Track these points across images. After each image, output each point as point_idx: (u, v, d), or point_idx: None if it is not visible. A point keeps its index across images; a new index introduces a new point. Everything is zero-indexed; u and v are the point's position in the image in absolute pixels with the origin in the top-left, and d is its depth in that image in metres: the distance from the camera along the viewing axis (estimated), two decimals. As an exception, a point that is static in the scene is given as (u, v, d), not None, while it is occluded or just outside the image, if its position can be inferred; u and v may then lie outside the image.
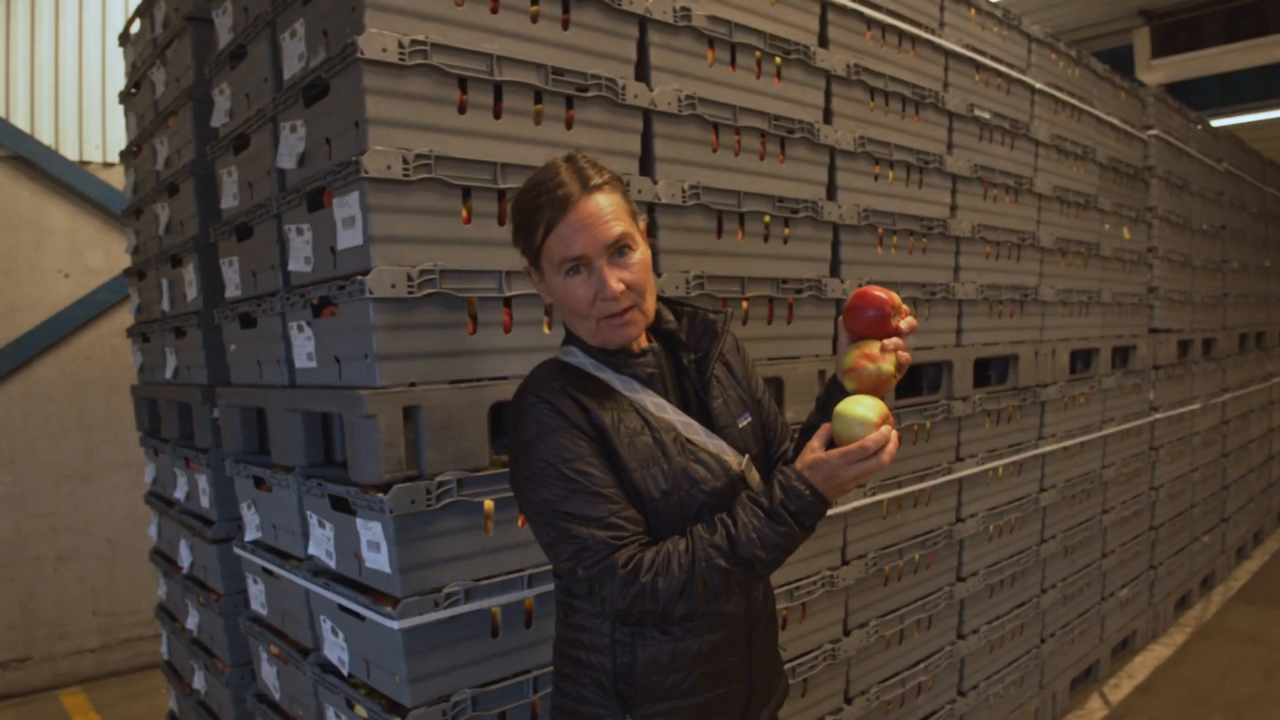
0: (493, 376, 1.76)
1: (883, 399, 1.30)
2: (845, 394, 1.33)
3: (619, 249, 1.29)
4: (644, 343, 1.41)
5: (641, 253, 1.32)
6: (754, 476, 1.40)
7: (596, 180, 1.29)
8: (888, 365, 1.31)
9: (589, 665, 1.37)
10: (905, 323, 1.35)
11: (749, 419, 1.45)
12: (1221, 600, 5.07)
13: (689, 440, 1.34)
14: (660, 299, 1.47)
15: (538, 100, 1.83)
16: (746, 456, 1.40)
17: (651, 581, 1.21)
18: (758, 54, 2.28)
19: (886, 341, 1.33)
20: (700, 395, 1.42)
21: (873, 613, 2.63)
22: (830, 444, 1.27)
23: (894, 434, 1.23)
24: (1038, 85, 3.45)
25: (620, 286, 1.27)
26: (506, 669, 1.75)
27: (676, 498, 1.30)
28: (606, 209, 1.28)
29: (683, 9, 2.08)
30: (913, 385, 3.03)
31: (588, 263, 1.27)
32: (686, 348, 1.44)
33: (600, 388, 1.33)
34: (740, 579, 1.25)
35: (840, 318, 1.39)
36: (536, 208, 1.29)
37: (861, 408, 1.25)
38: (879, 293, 1.35)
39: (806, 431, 1.45)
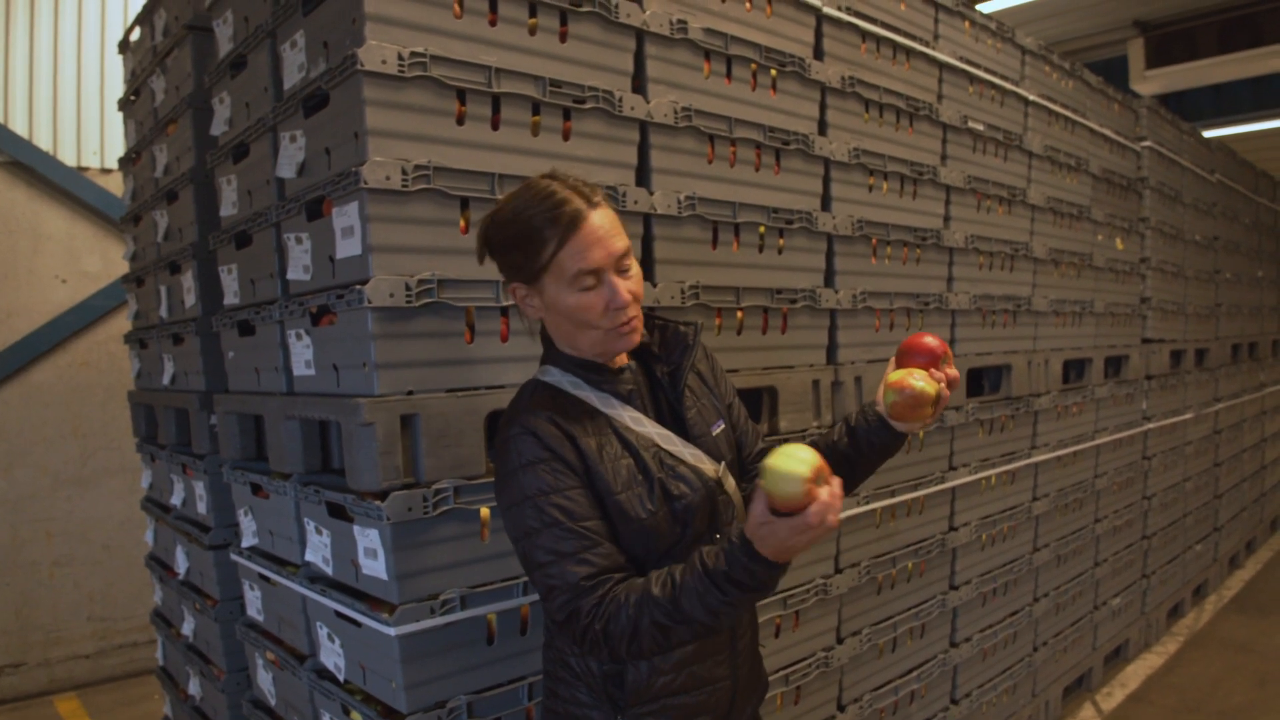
0: (490, 385, 1.77)
1: (918, 420, 1.40)
2: (882, 420, 1.44)
3: (625, 262, 1.35)
4: (622, 360, 1.44)
5: (637, 265, 1.38)
6: (730, 483, 1.44)
7: (596, 198, 1.34)
8: (931, 389, 1.40)
9: (580, 670, 1.39)
10: (950, 372, 1.47)
11: (722, 426, 1.49)
12: (1214, 609, 5.09)
13: (668, 453, 1.38)
14: None
15: (535, 112, 1.85)
16: (723, 464, 1.44)
17: (603, 628, 1.23)
18: (753, 66, 2.31)
19: (934, 371, 1.45)
20: (674, 406, 1.45)
21: (866, 621, 2.65)
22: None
23: (836, 485, 1.14)
24: (1031, 97, 3.48)
25: (629, 296, 1.33)
26: (502, 675, 1.77)
27: (663, 514, 1.34)
28: (610, 223, 1.33)
29: (679, 22, 2.10)
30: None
31: (599, 275, 1.31)
32: (659, 360, 1.48)
33: (580, 408, 1.36)
34: (684, 634, 1.23)
35: (892, 358, 1.51)
36: (544, 223, 1.30)
37: (792, 463, 1.12)
38: (930, 339, 1.47)
39: (827, 451, 1.49)
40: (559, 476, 1.29)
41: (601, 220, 1.32)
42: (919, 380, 1.40)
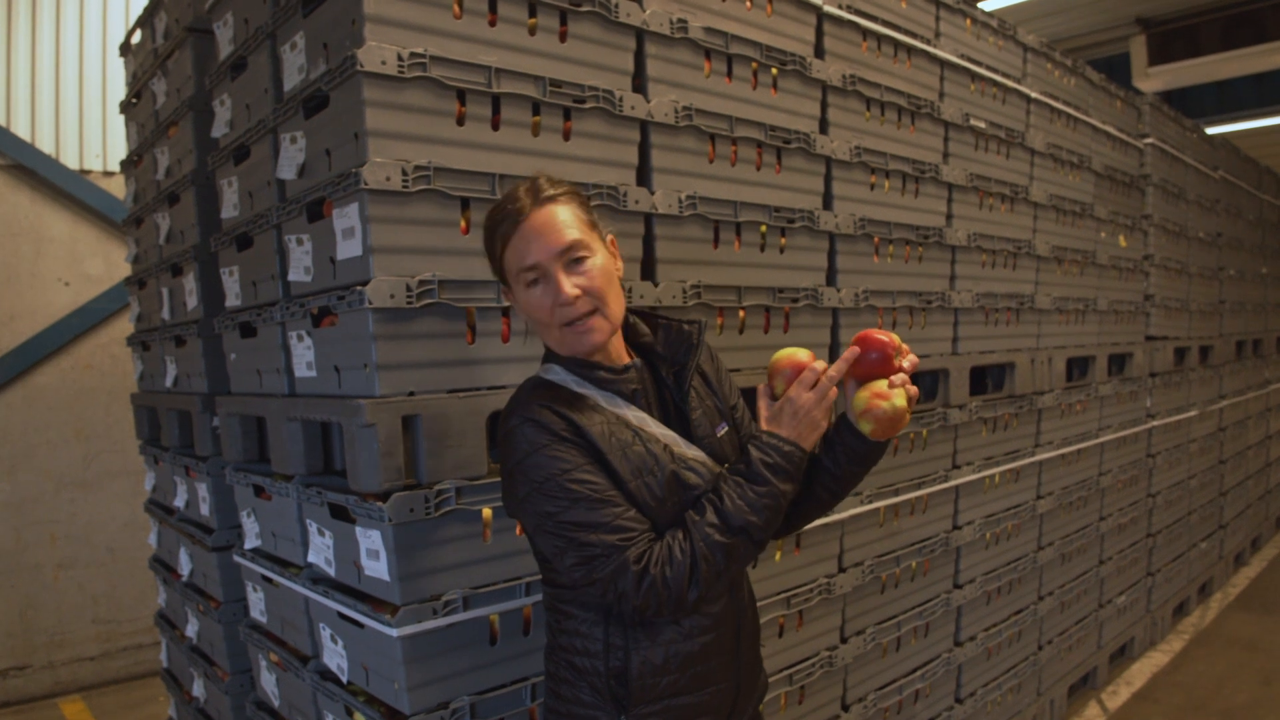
0: (491, 386, 1.77)
1: (897, 431, 1.36)
2: (856, 435, 1.39)
3: (574, 257, 1.32)
4: (625, 359, 1.43)
5: (601, 260, 1.35)
6: None
7: (550, 193, 1.34)
8: (900, 401, 1.35)
9: (584, 670, 1.39)
10: (908, 361, 1.39)
11: (726, 428, 1.47)
12: (1219, 607, 5.07)
13: (674, 452, 1.37)
14: (635, 311, 1.50)
15: (535, 112, 1.85)
16: (726, 467, 1.42)
17: (660, 573, 1.25)
18: (754, 65, 2.30)
19: (894, 378, 1.37)
20: (679, 407, 1.44)
21: (870, 620, 2.64)
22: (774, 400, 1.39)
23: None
24: (1033, 94, 3.48)
25: (575, 291, 1.31)
26: (504, 676, 1.76)
27: (671, 504, 1.33)
28: (559, 218, 1.33)
29: (680, 21, 2.10)
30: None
31: (543, 272, 1.32)
32: (664, 359, 1.46)
33: (583, 403, 1.35)
34: (740, 550, 1.30)
35: (846, 353, 1.42)
36: (495, 224, 1.36)
37: (795, 354, 1.40)
38: (880, 335, 1.39)
39: (812, 465, 1.47)
40: (572, 454, 1.29)
41: (546, 216, 1.32)
42: (884, 400, 1.34)
